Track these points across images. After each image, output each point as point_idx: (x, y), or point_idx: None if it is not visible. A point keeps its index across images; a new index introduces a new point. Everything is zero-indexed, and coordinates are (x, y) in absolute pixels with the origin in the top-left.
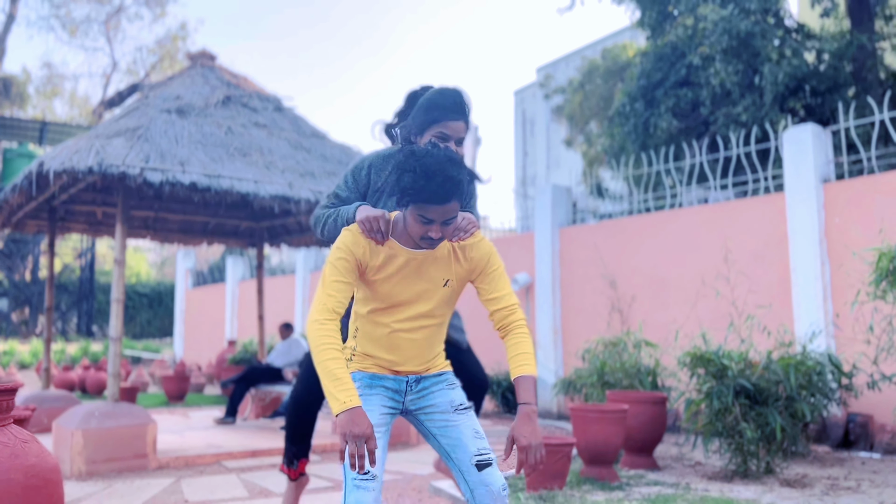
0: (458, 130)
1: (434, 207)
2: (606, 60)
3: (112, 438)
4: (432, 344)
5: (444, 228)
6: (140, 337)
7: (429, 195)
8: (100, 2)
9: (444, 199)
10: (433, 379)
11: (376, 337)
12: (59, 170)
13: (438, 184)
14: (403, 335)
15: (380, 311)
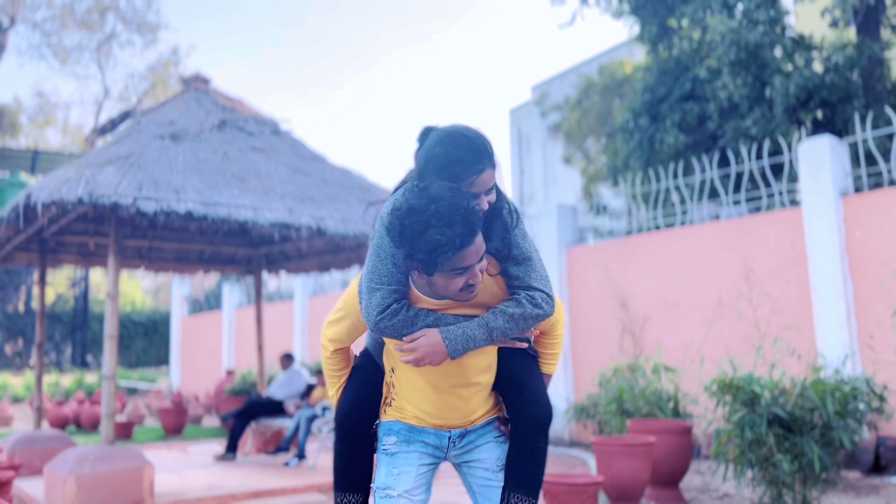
0: (487, 181)
1: (467, 250)
2: (604, 77)
3: (107, 484)
4: (483, 398)
5: (481, 265)
6: (136, 366)
7: (460, 242)
8: (91, 29)
9: (471, 236)
10: (480, 431)
11: (415, 384)
12: (47, 201)
13: (462, 225)
14: (452, 393)
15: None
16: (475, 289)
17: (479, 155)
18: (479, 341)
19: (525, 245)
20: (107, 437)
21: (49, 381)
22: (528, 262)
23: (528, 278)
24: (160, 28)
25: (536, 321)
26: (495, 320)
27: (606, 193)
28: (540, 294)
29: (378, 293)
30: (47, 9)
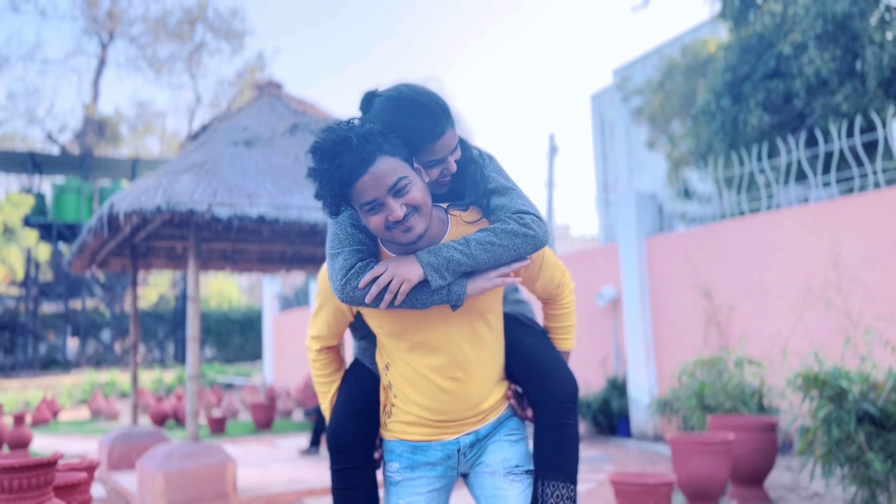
0: (450, 142)
1: (364, 179)
2: (686, 57)
3: (193, 479)
4: (490, 381)
5: (400, 199)
6: (233, 361)
7: (349, 169)
8: (182, 40)
9: (367, 163)
10: (490, 427)
11: (411, 376)
12: (128, 210)
13: (353, 150)
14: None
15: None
16: (408, 229)
17: (435, 117)
18: (460, 261)
19: (504, 179)
20: (192, 434)
21: (152, 377)
22: (511, 191)
23: (514, 204)
24: (246, 35)
25: (526, 242)
26: (478, 235)
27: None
28: (530, 216)
29: (340, 256)
30: (142, 23)
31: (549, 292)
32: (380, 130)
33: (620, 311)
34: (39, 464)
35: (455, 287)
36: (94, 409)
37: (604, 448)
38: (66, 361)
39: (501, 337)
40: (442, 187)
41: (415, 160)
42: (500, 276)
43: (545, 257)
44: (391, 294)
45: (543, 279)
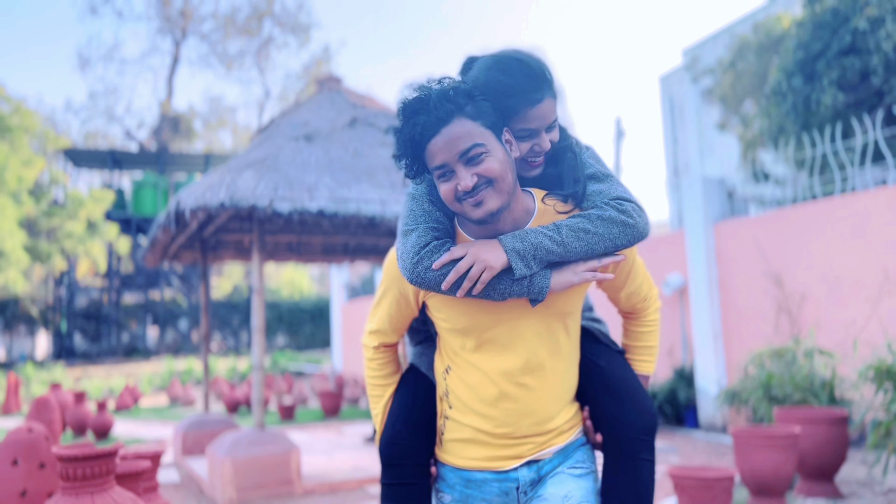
0: (548, 113)
1: (436, 141)
2: (758, 35)
3: (259, 466)
4: (559, 396)
5: (472, 168)
6: (304, 349)
7: (422, 128)
8: (251, 35)
9: (442, 123)
10: (555, 461)
11: (472, 380)
12: (194, 207)
13: (430, 109)
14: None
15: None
16: (478, 205)
17: (536, 81)
18: (549, 249)
19: (601, 167)
20: (258, 423)
21: (227, 365)
22: (610, 178)
23: (613, 190)
24: (312, 28)
25: (625, 232)
26: (570, 221)
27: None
28: (630, 204)
29: (413, 234)
30: (213, 20)
31: (634, 305)
32: (465, 90)
33: (687, 299)
34: (100, 454)
35: (538, 279)
36: (172, 396)
37: (670, 439)
38: (146, 349)
39: (578, 348)
40: (533, 168)
41: (507, 130)
42: (589, 270)
43: (636, 263)
44: (470, 282)
45: (630, 287)
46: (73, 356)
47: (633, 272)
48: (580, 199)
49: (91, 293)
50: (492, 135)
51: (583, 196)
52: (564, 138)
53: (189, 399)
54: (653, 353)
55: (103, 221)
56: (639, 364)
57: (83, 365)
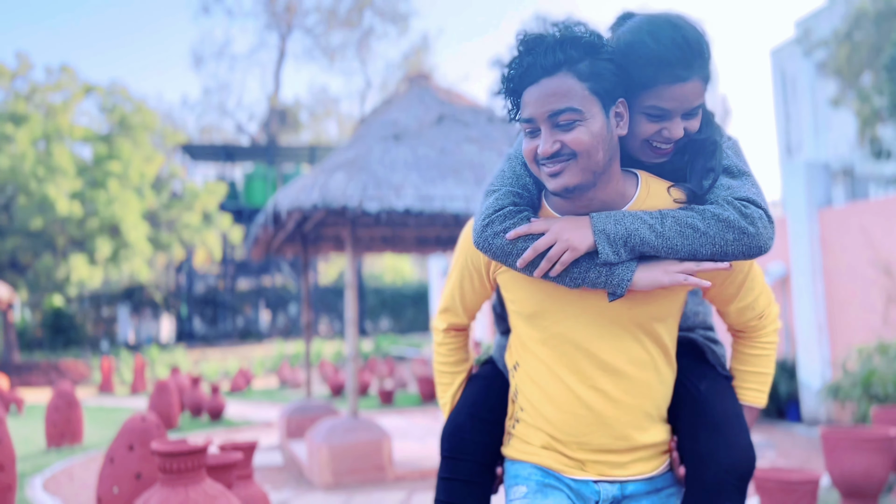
0: (687, 96)
1: (531, 90)
2: (877, 3)
3: (353, 452)
4: (646, 412)
5: (557, 134)
6: (407, 332)
7: (523, 71)
8: (351, 27)
9: (543, 72)
10: (641, 487)
11: (542, 377)
12: (290, 208)
13: (539, 52)
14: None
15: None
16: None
17: (688, 56)
18: (645, 238)
19: (741, 162)
20: (352, 411)
21: (333, 348)
22: (746, 176)
23: (744, 190)
24: (410, 17)
25: (740, 240)
26: (679, 212)
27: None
28: (758, 210)
29: (494, 195)
30: (316, 13)
31: (747, 322)
32: (589, 44)
33: (790, 289)
34: (191, 450)
35: (620, 269)
36: (282, 378)
37: (769, 433)
38: (259, 333)
39: (673, 363)
40: (657, 155)
41: (622, 102)
42: (682, 272)
43: (752, 272)
44: (549, 262)
45: (743, 302)
46: (192, 339)
47: (747, 283)
48: (704, 192)
49: (208, 280)
50: (597, 102)
51: (709, 188)
52: (706, 130)
53: (297, 382)
54: (765, 382)
55: (217, 212)
56: (746, 393)
57: (202, 347)
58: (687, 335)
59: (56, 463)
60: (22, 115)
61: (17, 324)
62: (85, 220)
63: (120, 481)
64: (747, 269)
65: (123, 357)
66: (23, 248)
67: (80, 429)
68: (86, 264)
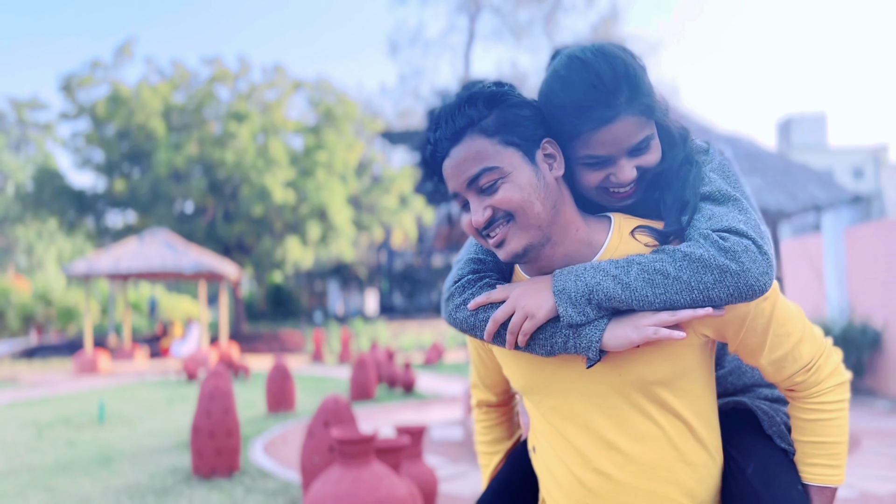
0: (620, 137)
1: (445, 164)
2: None
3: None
4: (670, 479)
5: (485, 199)
6: None
7: (432, 147)
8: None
9: (451, 142)
10: None
11: (552, 460)
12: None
13: (445, 123)
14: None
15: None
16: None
17: (604, 95)
18: (609, 292)
19: (728, 184)
20: None
21: None
22: (733, 201)
23: (728, 218)
24: None
25: (722, 281)
26: (647, 257)
27: None
28: (743, 239)
29: (457, 266)
30: None
31: (792, 379)
32: (489, 96)
33: None
34: (361, 439)
35: (587, 330)
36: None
37: None
38: None
39: (708, 437)
40: (618, 199)
41: (549, 142)
42: (655, 324)
43: (777, 314)
44: (511, 334)
45: (776, 353)
46: (393, 312)
47: (773, 329)
48: (682, 224)
49: (406, 257)
50: (515, 153)
51: (687, 221)
52: (672, 157)
53: None
54: (835, 455)
55: (412, 195)
56: (810, 471)
57: (401, 320)
58: (737, 399)
59: (274, 427)
60: (243, 113)
61: (245, 298)
62: (297, 206)
63: (318, 453)
64: (769, 312)
65: (332, 329)
66: (247, 232)
67: (292, 398)
68: (299, 245)
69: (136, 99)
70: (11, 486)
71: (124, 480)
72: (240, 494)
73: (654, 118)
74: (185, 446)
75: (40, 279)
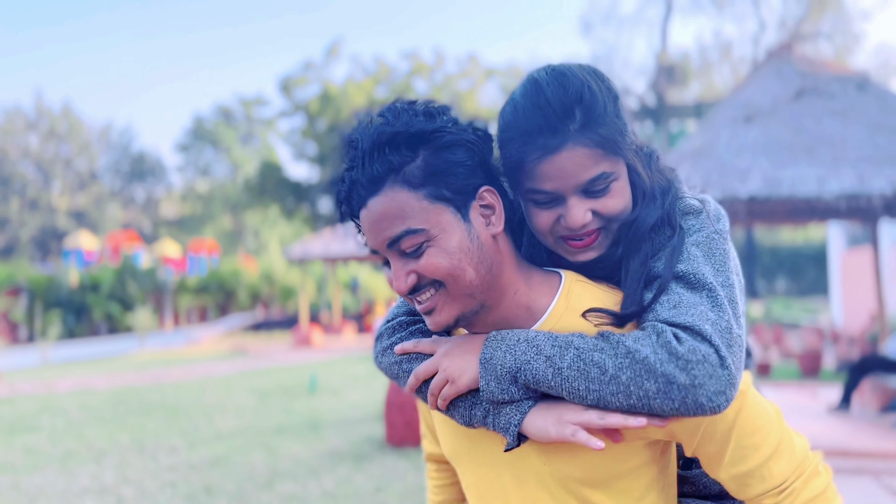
0: (568, 169)
1: (363, 217)
2: None
3: None
4: None
5: (409, 263)
6: (806, 294)
7: (347, 193)
8: None
9: (368, 193)
10: None
11: None
12: None
13: (360, 165)
14: None
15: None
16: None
17: (550, 119)
18: (537, 374)
19: (709, 265)
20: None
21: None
22: (708, 290)
23: (692, 313)
24: None
25: (666, 393)
26: (590, 342)
27: None
28: (701, 347)
29: (396, 303)
30: None
31: (755, 498)
32: (416, 135)
33: None
34: None
35: (508, 410)
36: None
37: None
38: None
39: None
40: (575, 250)
41: (488, 190)
42: (578, 423)
43: (740, 418)
44: (432, 396)
45: (738, 468)
46: None
47: (734, 440)
48: (643, 305)
49: None
50: (446, 209)
51: (649, 303)
52: (646, 211)
53: None
54: None
55: None
56: None
57: None
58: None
59: None
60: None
61: None
62: None
63: None
64: (732, 419)
65: None
66: None
67: None
68: None
69: (343, 95)
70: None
71: (328, 445)
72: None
73: (617, 155)
74: (381, 417)
75: (265, 260)
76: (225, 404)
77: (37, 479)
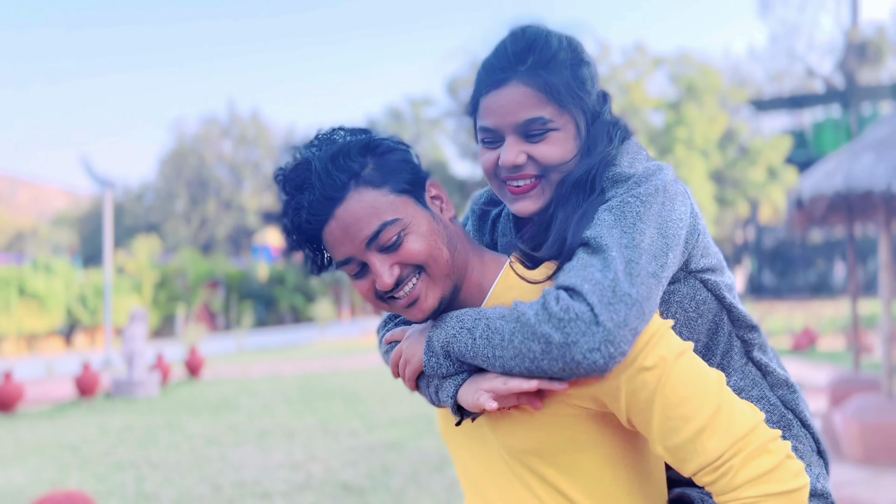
0: (507, 105)
1: (330, 228)
2: None
3: (884, 433)
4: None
5: (389, 257)
6: None
7: (308, 212)
8: None
9: (333, 202)
10: None
11: None
12: (812, 195)
13: (315, 183)
14: None
15: None
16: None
17: (503, 56)
18: (461, 347)
19: (622, 222)
20: (886, 389)
21: (868, 312)
22: (603, 254)
23: (578, 275)
24: None
25: (547, 353)
26: (492, 314)
27: None
28: (576, 306)
29: None
30: None
31: (698, 478)
32: (363, 143)
33: None
34: None
35: (446, 384)
36: (849, 340)
37: None
38: (831, 288)
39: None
40: (513, 197)
41: (433, 183)
42: (489, 391)
43: (663, 387)
44: (402, 378)
45: (671, 440)
46: (762, 292)
47: (657, 410)
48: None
49: (777, 233)
50: (409, 200)
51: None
52: (583, 166)
53: (867, 346)
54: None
55: (783, 166)
56: None
57: (770, 300)
58: (683, 490)
59: None
60: None
61: None
62: None
63: None
64: (653, 387)
65: None
66: None
67: None
68: None
69: None
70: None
71: None
72: None
73: (561, 106)
74: None
75: None
76: (400, 392)
77: (240, 452)
